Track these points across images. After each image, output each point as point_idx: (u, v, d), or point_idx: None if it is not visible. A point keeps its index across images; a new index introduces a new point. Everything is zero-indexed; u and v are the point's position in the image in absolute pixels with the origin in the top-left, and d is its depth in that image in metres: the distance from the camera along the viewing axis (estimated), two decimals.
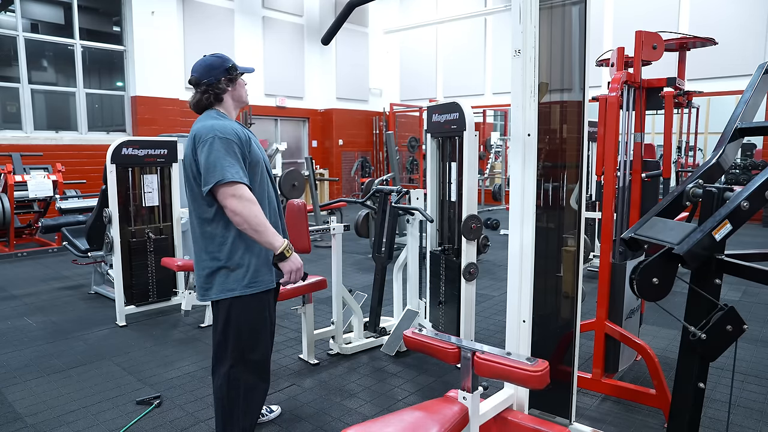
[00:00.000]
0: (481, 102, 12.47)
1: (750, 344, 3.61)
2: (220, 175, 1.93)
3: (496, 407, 1.91)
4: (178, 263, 4.09)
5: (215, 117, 2.11)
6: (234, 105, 2.23)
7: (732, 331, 1.51)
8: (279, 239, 2.01)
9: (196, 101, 2.17)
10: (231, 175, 1.94)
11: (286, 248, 2.02)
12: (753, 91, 1.84)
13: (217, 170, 1.94)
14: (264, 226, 1.97)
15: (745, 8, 9.36)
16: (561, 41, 2.27)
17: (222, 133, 1.99)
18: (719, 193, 1.55)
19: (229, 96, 2.19)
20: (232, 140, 2.00)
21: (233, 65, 2.19)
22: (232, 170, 1.95)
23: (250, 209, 1.95)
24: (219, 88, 2.14)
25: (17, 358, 3.52)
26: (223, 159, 1.96)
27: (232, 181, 1.94)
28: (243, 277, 2.07)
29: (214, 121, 2.06)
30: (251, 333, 2.13)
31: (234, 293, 2.07)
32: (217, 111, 2.16)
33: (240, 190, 1.95)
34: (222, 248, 2.06)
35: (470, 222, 3.06)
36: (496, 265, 6.21)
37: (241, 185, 1.96)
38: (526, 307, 2.06)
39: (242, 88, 2.25)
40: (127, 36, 9.67)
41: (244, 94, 2.27)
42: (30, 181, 6.87)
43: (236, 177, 1.95)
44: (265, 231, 1.97)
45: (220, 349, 2.14)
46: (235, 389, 2.13)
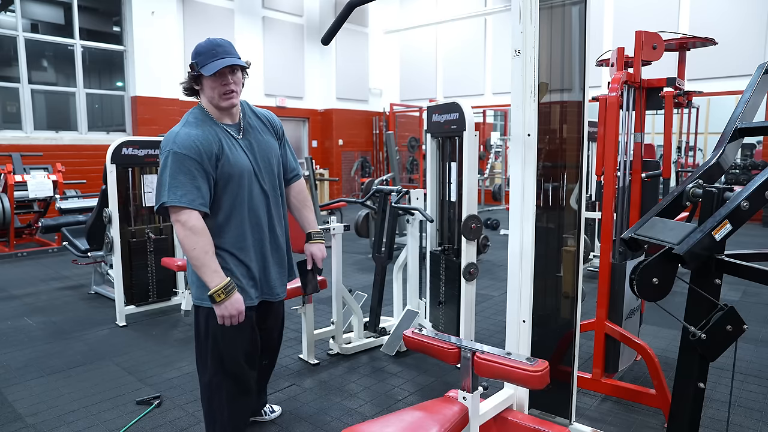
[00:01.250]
0: (481, 102, 12.47)
1: (750, 344, 3.61)
2: (163, 197, 1.80)
3: (496, 407, 1.91)
4: (178, 263, 4.09)
5: (188, 120, 1.92)
6: (210, 103, 1.97)
7: (732, 331, 1.51)
8: (214, 279, 1.82)
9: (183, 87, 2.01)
10: (174, 198, 1.79)
11: (217, 291, 1.81)
12: (753, 91, 1.84)
13: (163, 191, 1.81)
14: (200, 262, 1.80)
15: (745, 8, 9.36)
16: (561, 41, 2.27)
17: (179, 147, 1.80)
18: (719, 193, 1.54)
19: (201, 93, 1.97)
20: (188, 156, 1.80)
21: (196, 63, 1.90)
22: (179, 192, 1.79)
23: (190, 241, 1.79)
24: (190, 80, 1.95)
25: (17, 358, 3.52)
26: (173, 177, 1.79)
27: (175, 205, 1.80)
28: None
29: (182, 128, 1.88)
30: (228, 345, 2.01)
31: (206, 303, 1.94)
32: (200, 108, 1.97)
33: (183, 217, 1.80)
34: None
35: (470, 222, 3.06)
36: (496, 265, 6.21)
37: (186, 211, 1.79)
38: (526, 307, 2.06)
39: (211, 90, 1.93)
40: (127, 36, 9.67)
41: (214, 95, 1.93)
42: (30, 181, 6.87)
43: (178, 200, 1.79)
44: (200, 267, 1.81)
45: (200, 357, 2.06)
46: (218, 398, 2.06)
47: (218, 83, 1.91)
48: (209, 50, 1.89)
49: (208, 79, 1.90)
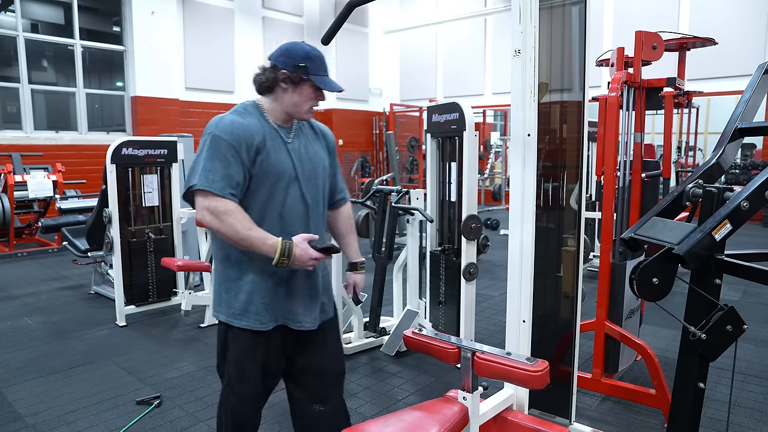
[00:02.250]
0: (481, 102, 12.47)
1: (750, 344, 3.61)
2: (193, 179, 1.66)
3: (496, 407, 1.91)
4: (178, 263, 4.09)
5: (237, 109, 1.78)
6: (282, 109, 1.79)
7: (732, 331, 1.51)
8: (270, 249, 1.66)
9: (254, 77, 1.82)
10: (205, 182, 1.64)
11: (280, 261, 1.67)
12: (753, 91, 1.83)
13: (194, 173, 1.67)
14: (248, 242, 1.65)
15: (745, 8, 9.36)
16: (561, 41, 2.27)
17: (220, 131, 1.68)
18: (719, 193, 1.54)
19: (279, 94, 1.77)
20: (227, 142, 1.66)
21: (306, 67, 1.74)
22: (210, 177, 1.64)
23: (226, 225, 1.64)
24: (270, 78, 1.76)
25: (17, 358, 3.52)
26: (208, 161, 1.66)
27: (205, 190, 1.64)
28: (230, 304, 1.79)
29: (230, 115, 1.75)
30: (237, 367, 1.85)
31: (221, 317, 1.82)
32: (254, 103, 1.81)
33: (212, 203, 1.64)
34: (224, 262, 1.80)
35: (470, 222, 3.06)
36: (496, 265, 6.21)
37: (215, 197, 1.64)
38: (526, 307, 2.06)
39: (303, 99, 1.78)
40: (127, 36, 9.67)
41: (303, 106, 1.78)
42: (30, 181, 6.87)
43: (209, 185, 1.64)
44: (251, 246, 1.67)
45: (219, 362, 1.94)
46: (225, 410, 1.93)
47: (314, 97, 1.80)
48: (321, 62, 1.78)
49: (308, 88, 1.77)
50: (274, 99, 1.79)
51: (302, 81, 1.75)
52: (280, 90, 1.77)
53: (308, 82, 1.75)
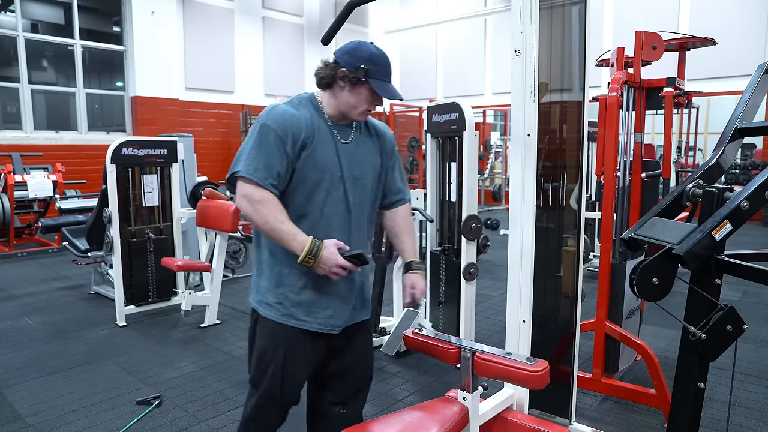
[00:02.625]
0: (481, 102, 12.46)
1: (750, 344, 3.61)
2: (237, 166, 1.64)
3: (496, 407, 1.91)
4: (178, 263, 4.09)
5: (292, 100, 1.75)
6: (336, 105, 1.74)
7: (732, 331, 1.51)
8: (297, 247, 1.62)
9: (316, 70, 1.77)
10: (248, 169, 1.62)
11: (305, 260, 1.62)
12: (753, 91, 1.83)
13: (239, 160, 1.66)
14: (277, 234, 1.63)
15: (745, 9, 9.36)
16: (561, 41, 2.27)
17: (270, 120, 1.65)
18: (719, 193, 1.54)
19: (337, 91, 1.72)
20: (275, 132, 1.63)
21: (367, 70, 1.68)
22: (253, 165, 1.62)
23: (259, 214, 1.62)
24: (330, 75, 1.70)
25: (17, 358, 3.52)
26: (253, 149, 1.64)
27: (246, 177, 1.62)
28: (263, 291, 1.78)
29: (282, 104, 1.71)
30: (259, 359, 1.81)
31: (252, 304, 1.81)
32: (312, 96, 1.78)
33: (249, 190, 1.62)
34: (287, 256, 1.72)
35: (470, 222, 3.06)
36: (496, 265, 6.21)
37: (254, 186, 1.62)
38: (526, 307, 2.06)
39: (359, 100, 1.71)
40: (127, 36, 9.67)
41: (357, 108, 1.73)
42: (30, 181, 6.87)
43: (251, 173, 1.62)
44: (279, 240, 1.63)
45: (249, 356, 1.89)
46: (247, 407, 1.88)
47: (371, 101, 1.74)
48: (384, 66, 1.73)
49: (365, 91, 1.71)
50: (332, 95, 1.74)
51: (361, 83, 1.69)
52: (338, 88, 1.72)
53: (366, 84, 1.70)
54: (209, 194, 4.39)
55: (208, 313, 4.18)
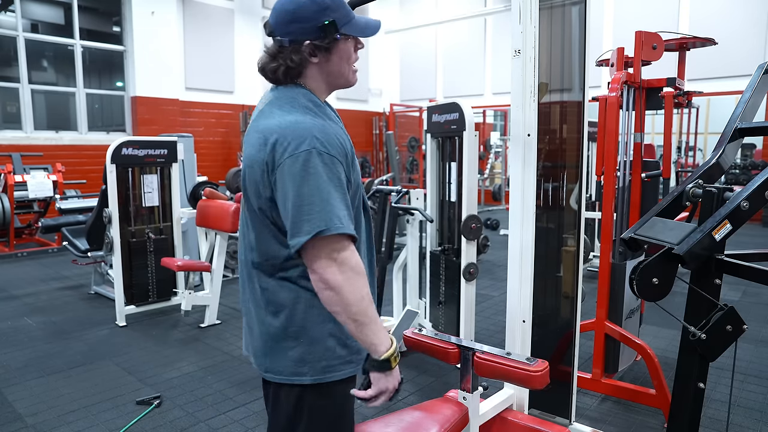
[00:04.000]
0: (481, 102, 12.46)
1: (750, 344, 3.61)
2: (322, 222, 1.15)
3: (496, 407, 1.91)
4: (178, 263, 4.10)
5: (309, 108, 1.28)
6: (327, 84, 1.35)
7: (732, 331, 1.51)
8: (385, 339, 1.24)
9: (261, 66, 1.33)
10: (339, 223, 1.16)
11: (393, 355, 1.25)
12: (753, 91, 1.83)
13: (315, 212, 1.15)
14: (369, 317, 1.21)
15: (745, 9, 9.36)
16: (561, 41, 2.27)
17: (324, 145, 1.19)
18: (719, 193, 1.54)
19: (315, 70, 1.31)
20: (337, 159, 1.21)
21: (332, 22, 1.26)
22: (340, 213, 1.18)
23: (357, 287, 1.19)
24: (293, 59, 1.27)
25: (17, 358, 3.52)
26: (327, 192, 1.17)
27: (340, 234, 1.17)
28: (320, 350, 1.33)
29: (310, 118, 1.25)
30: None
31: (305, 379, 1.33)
32: (307, 92, 1.31)
33: (347, 252, 1.19)
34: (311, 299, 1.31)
35: (470, 222, 3.06)
36: (496, 265, 6.21)
37: (349, 242, 1.20)
38: (526, 307, 2.07)
39: (344, 60, 1.33)
40: (127, 36, 9.66)
41: (343, 72, 1.34)
42: (30, 181, 6.87)
43: (345, 227, 1.17)
44: (368, 324, 1.21)
45: None
46: None
47: (355, 50, 1.35)
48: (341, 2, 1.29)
49: (343, 45, 1.31)
50: (308, 80, 1.32)
51: (336, 41, 1.29)
52: (313, 66, 1.31)
53: (342, 37, 1.30)
54: (209, 194, 4.39)
55: (208, 313, 4.18)
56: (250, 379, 3.18)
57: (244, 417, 2.74)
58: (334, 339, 1.32)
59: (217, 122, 11.07)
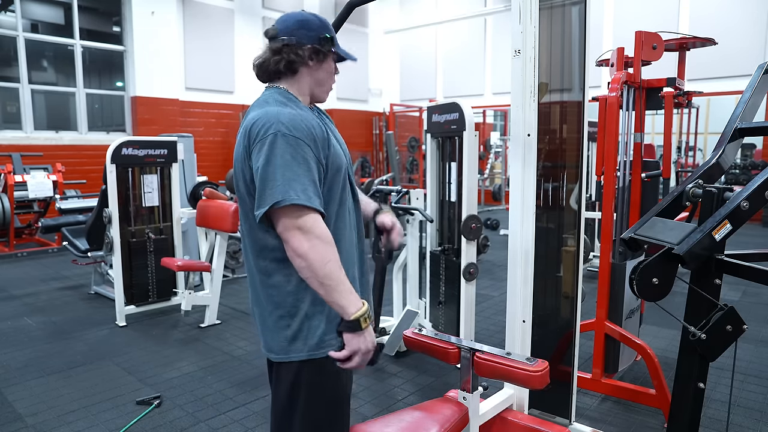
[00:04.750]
0: (481, 102, 12.46)
1: (750, 344, 3.61)
2: (280, 194, 1.30)
3: (495, 407, 1.91)
4: (178, 263, 4.10)
5: (281, 101, 1.44)
6: (310, 88, 1.53)
7: (732, 331, 1.51)
8: (354, 301, 1.36)
9: (261, 61, 1.49)
10: (296, 195, 1.30)
11: (364, 315, 1.36)
12: (753, 91, 1.83)
13: (277, 185, 1.31)
14: (335, 280, 1.32)
15: (745, 8, 9.36)
16: (561, 41, 2.27)
17: (289, 128, 1.34)
18: (719, 193, 1.54)
19: (306, 72, 1.50)
20: (303, 141, 1.35)
21: (332, 38, 1.51)
22: (299, 187, 1.31)
23: (321, 253, 1.31)
24: (298, 54, 1.45)
25: (17, 358, 3.52)
26: (289, 169, 1.32)
27: (299, 204, 1.30)
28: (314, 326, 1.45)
29: (280, 108, 1.40)
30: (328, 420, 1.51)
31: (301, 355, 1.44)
32: (284, 90, 1.48)
33: (308, 221, 1.32)
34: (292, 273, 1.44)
35: (470, 222, 3.06)
36: (496, 265, 6.21)
37: (311, 213, 1.32)
38: (526, 307, 2.07)
39: (329, 73, 1.54)
40: (127, 36, 9.66)
41: (326, 83, 1.55)
42: (30, 181, 6.87)
43: (304, 199, 1.31)
44: (335, 287, 1.33)
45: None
46: None
47: (334, 72, 1.57)
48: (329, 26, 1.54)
49: (330, 62, 1.54)
50: (299, 80, 1.50)
51: (327, 55, 1.51)
52: (306, 69, 1.49)
53: (330, 54, 1.52)
54: (209, 194, 4.39)
55: (208, 313, 4.18)
56: (250, 379, 3.18)
57: (244, 417, 2.74)
58: (326, 316, 1.43)
59: (217, 122, 11.08)
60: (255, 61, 1.51)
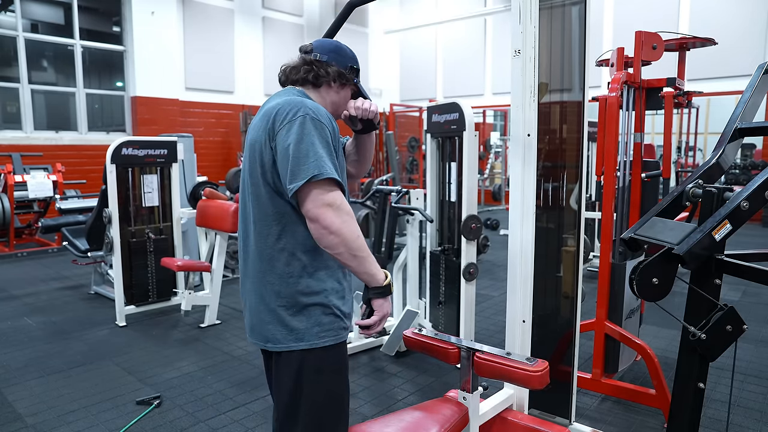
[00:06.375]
0: (481, 102, 12.46)
1: (750, 344, 3.61)
2: (316, 168, 1.35)
3: (495, 407, 1.91)
4: (178, 263, 4.10)
5: (304, 94, 1.56)
6: (325, 105, 1.62)
7: (732, 331, 1.51)
8: (380, 270, 1.48)
9: (292, 66, 1.61)
10: (330, 170, 1.37)
11: (390, 281, 1.49)
12: (753, 91, 1.83)
13: (312, 161, 1.36)
14: (365, 252, 1.41)
15: (745, 9, 9.36)
16: (561, 41, 2.27)
17: (316, 113, 1.42)
18: (719, 193, 1.54)
19: (327, 90, 1.61)
20: (326, 126, 1.44)
21: (357, 70, 1.66)
22: (330, 165, 1.38)
23: (351, 227, 1.38)
24: (327, 71, 1.57)
25: (17, 358, 3.52)
26: (320, 148, 1.38)
27: (331, 178, 1.37)
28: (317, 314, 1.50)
29: (304, 98, 1.49)
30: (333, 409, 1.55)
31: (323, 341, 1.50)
32: (303, 91, 1.58)
33: (338, 197, 1.39)
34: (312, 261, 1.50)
35: (470, 222, 3.06)
36: (496, 265, 6.21)
37: (338, 190, 1.40)
38: (526, 307, 2.07)
39: (343, 100, 1.66)
40: (127, 36, 9.66)
41: (341, 108, 1.67)
42: (30, 181, 6.87)
43: (335, 174, 1.39)
44: (366, 258, 1.41)
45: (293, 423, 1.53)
46: None
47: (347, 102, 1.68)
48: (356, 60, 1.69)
49: (348, 92, 1.66)
50: (319, 95, 1.61)
51: (348, 83, 1.65)
52: (327, 87, 1.61)
53: (350, 85, 1.66)
54: (209, 194, 4.39)
55: (208, 313, 4.18)
56: (250, 379, 3.18)
57: (244, 417, 2.74)
58: (326, 307, 1.48)
59: (217, 122, 11.07)
60: (284, 66, 1.62)
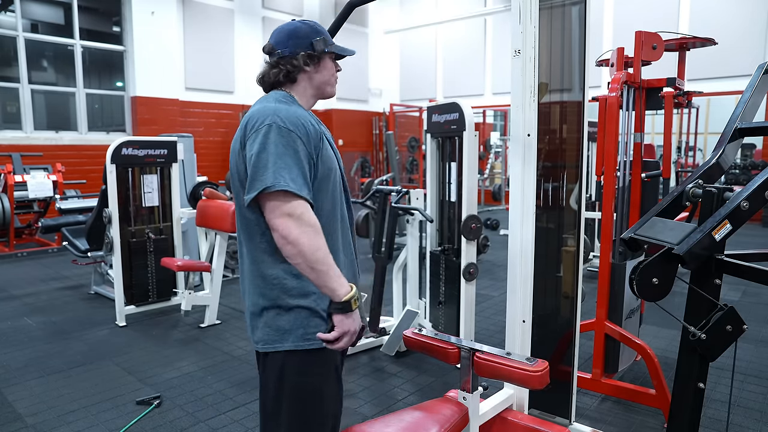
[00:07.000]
0: (481, 102, 12.46)
1: (750, 344, 3.61)
2: (270, 180, 1.35)
3: (495, 407, 1.91)
4: (178, 263, 4.10)
5: (281, 100, 1.52)
6: (312, 92, 1.61)
7: (732, 331, 1.51)
8: (344, 284, 1.41)
9: (261, 75, 1.61)
10: (285, 181, 1.35)
11: (354, 297, 1.43)
12: (753, 91, 1.83)
13: (268, 172, 1.36)
14: (326, 265, 1.37)
15: (745, 9, 9.36)
16: (561, 41, 2.27)
17: (284, 121, 1.41)
18: (719, 193, 1.54)
19: (305, 78, 1.58)
20: (295, 133, 1.41)
21: (322, 39, 1.59)
22: (289, 176, 1.36)
23: (313, 240, 1.36)
24: (293, 64, 1.55)
25: (17, 358, 3.52)
26: (281, 158, 1.37)
27: (287, 191, 1.35)
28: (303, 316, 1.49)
29: (278, 104, 1.48)
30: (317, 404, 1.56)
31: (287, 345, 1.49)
32: (286, 93, 1.57)
33: (297, 208, 1.36)
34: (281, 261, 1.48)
35: (470, 222, 3.06)
36: (496, 265, 6.21)
37: (300, 201, 1.37)
38: (526, 307, 2.07)
39: (329, 72, 1.62)
40: (127, 36, 9.67)
41: (329, 81, 1.64)
42: (30, 181, 6.87)
43: (292, 186, 1.36)
44: (326, 272, 1.37)
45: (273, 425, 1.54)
46: None
47: (335, 68, 1.66)
48: (325, 30, 1.64)
49: (327, 61, 1.61)
50: (299, 88, 1.60)
51: (324, 54, 1.60)
52: (305, 74, 1.58)
53: (327, 54, 1.61)
54: (209, 194, 4.39)
55: (208, 313, 4.18)
56: (250, 379, 3.18)
57: (244, 417, 2.74)
58: (314, 311, 1.48)
59: (217, 122, 11.08)
60: (258, 77, 1.61)
